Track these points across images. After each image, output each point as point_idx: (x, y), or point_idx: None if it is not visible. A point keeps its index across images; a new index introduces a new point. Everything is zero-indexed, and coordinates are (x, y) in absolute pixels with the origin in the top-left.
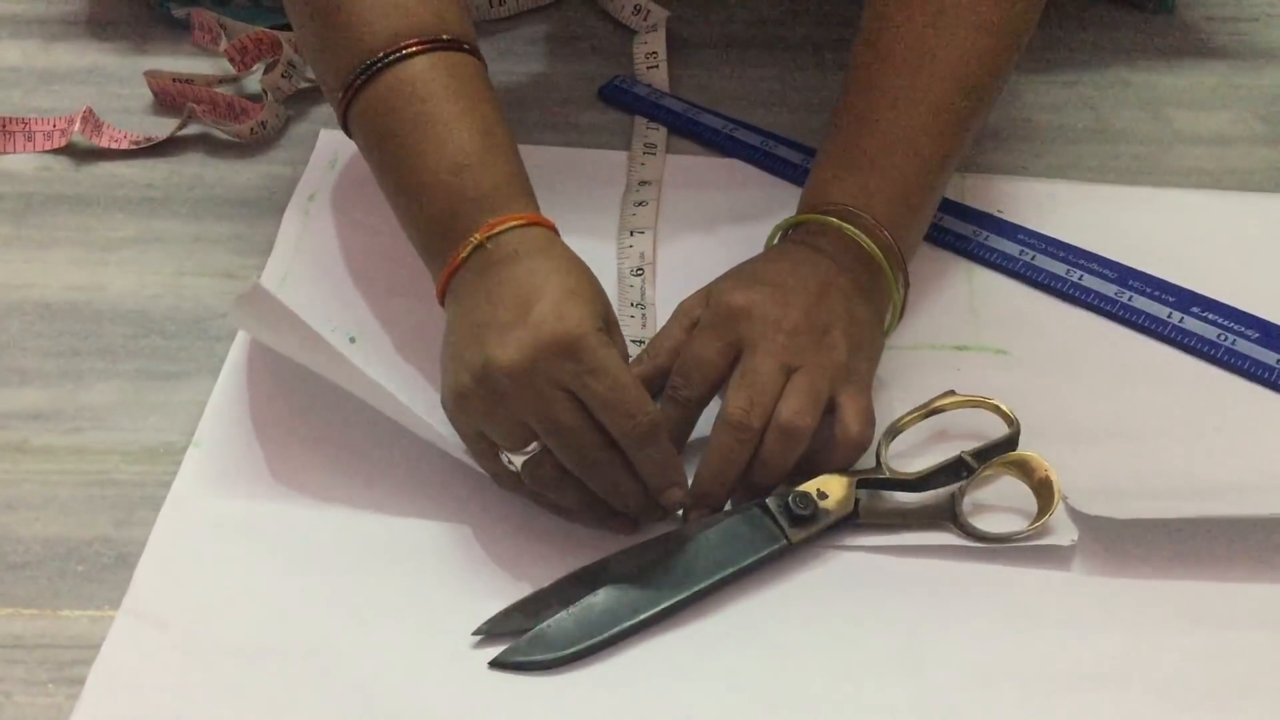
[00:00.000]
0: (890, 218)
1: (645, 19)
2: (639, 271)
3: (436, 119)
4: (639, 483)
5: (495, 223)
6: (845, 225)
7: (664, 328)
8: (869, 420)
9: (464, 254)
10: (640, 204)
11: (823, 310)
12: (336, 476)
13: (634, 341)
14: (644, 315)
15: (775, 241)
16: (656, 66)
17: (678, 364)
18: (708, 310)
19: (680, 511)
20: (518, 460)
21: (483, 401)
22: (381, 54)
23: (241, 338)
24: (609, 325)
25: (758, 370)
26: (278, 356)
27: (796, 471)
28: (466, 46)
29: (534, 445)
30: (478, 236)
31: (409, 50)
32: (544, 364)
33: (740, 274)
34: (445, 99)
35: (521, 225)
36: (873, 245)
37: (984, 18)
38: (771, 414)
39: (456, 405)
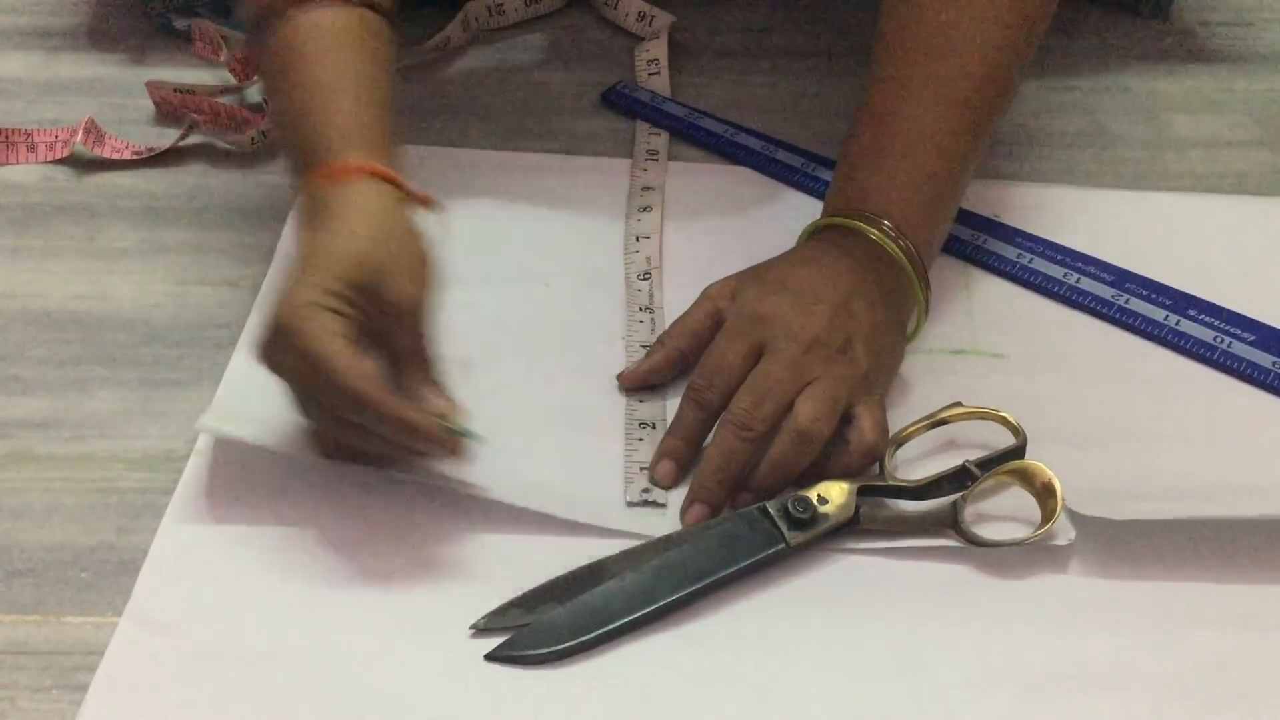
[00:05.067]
0: (913, 219)
1: (649, 24)
2: (646, 276)
3: (295, 70)
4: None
5: (312, 175)
6: (870, 230)
7: (687, 312)
8: (883, 430)
9: (296, 206)
10: (644, 209)
11: (846, 320)
12: (335, 481)
13: (644, 346)
14: (653, 319)
15: (804, 242)
16: (658, 73)
17: (701, 365)
18: (733, 314)
19: (681, 513)
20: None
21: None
22: (269, 9)
23: (243, 345)
24: (356, 284)
25: (770, 374)
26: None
27: (805, 477)
28: (357, 1)
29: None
30: (298, 190)
31: (293, 6)
32: (271, 343)
33: (767, 278)
34: (310, 53)
35: (333, 177)
36: (898, 251)
37: (1001, 10)
38: (777, 416)
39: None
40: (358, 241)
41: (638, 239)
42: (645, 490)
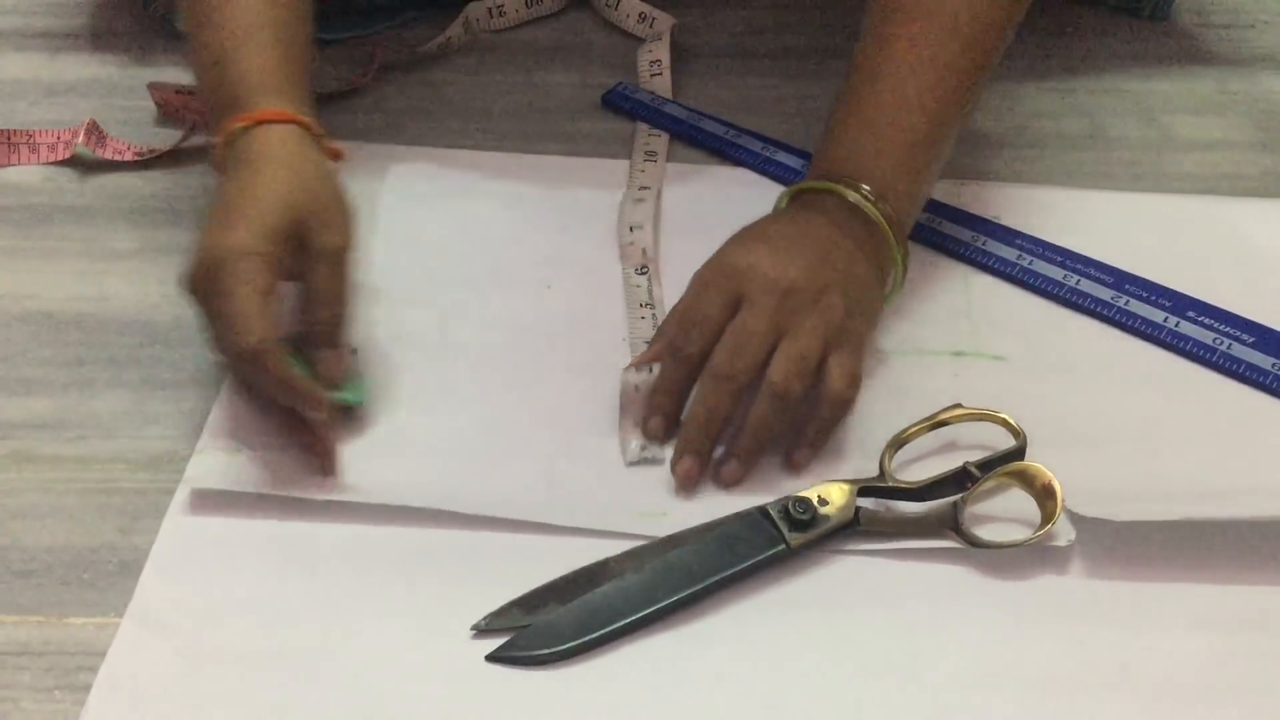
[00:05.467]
0: (894, 182)
1: (650, 26)
2: (643, 270)
3: (209, 14)
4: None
5: (229, 123)
6: (849, 192)
7: (681, 299)
8: (854, 381)
9: (217, 154)
10: (638, 200)
11: (823, 270)
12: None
13: (646, 341)
14: (654, 315)
15: (783, 206)
16: (660, 74)
17: (679, 320)
18: (710, 268)
19: (672, 467)
20: (634, 447)
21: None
22: None
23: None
24: (283, 232)
25: (747, 327)
26: None
27: (787, 429)
28: None
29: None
30: (218, 139)
31: None
32: (197, 284)
33: (746, 234)
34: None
35: (248, 126)
36: (876, 212)
37: None
38: (756, 368)
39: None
40: (282, 187)
41: (631, 229)
42: (644, 448)
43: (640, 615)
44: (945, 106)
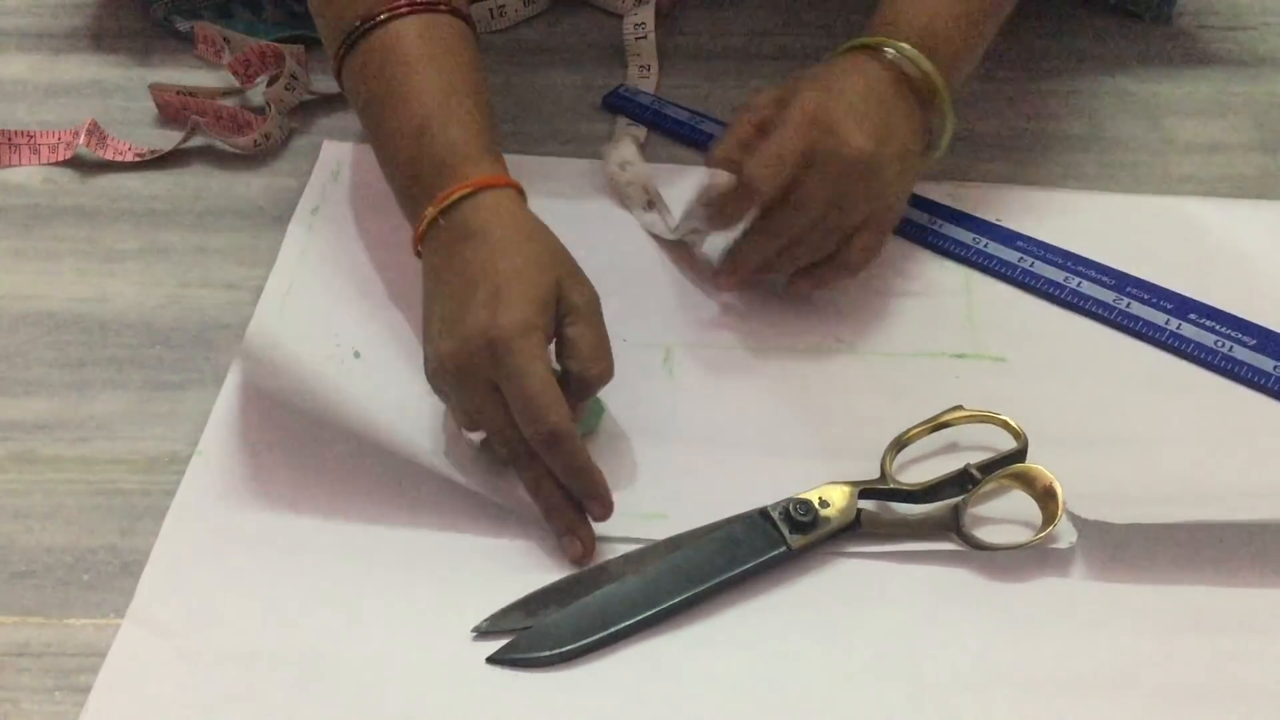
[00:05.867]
0: (948, 41)
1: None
2: (650, 207)
3: (402, 82)
4: (561, 489)
5: (446, 194)
6: (905, 47)
7: (731, 127)
8: (870, 256)
9: (423, 227)
10: (619, 142)
11: (886, 141)
12: (337, 483)
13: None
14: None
15: (840, 53)
16: (648, 77)
17: (758, 150)
18: (793, 110)
19: (716, 275)
20: (475, 438)
21: (437, 384)
22: (361, 20)
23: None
24: (552, 302)
25: (811, 194)
26: (280, 366)
27: (802, 274)
28: (445, 8)
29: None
30: (431, 210)
31: (387, 13)
32: (471, 362)
33: (817, 80)
34: (414, 62)
35: (470, 193)
36: (933, 70)
37: None
38: (805, 232)
39: (429, 382)
40: (540, 255)
41: (622, 165)
42: (693, 231)
43: (641, 617)
44: None
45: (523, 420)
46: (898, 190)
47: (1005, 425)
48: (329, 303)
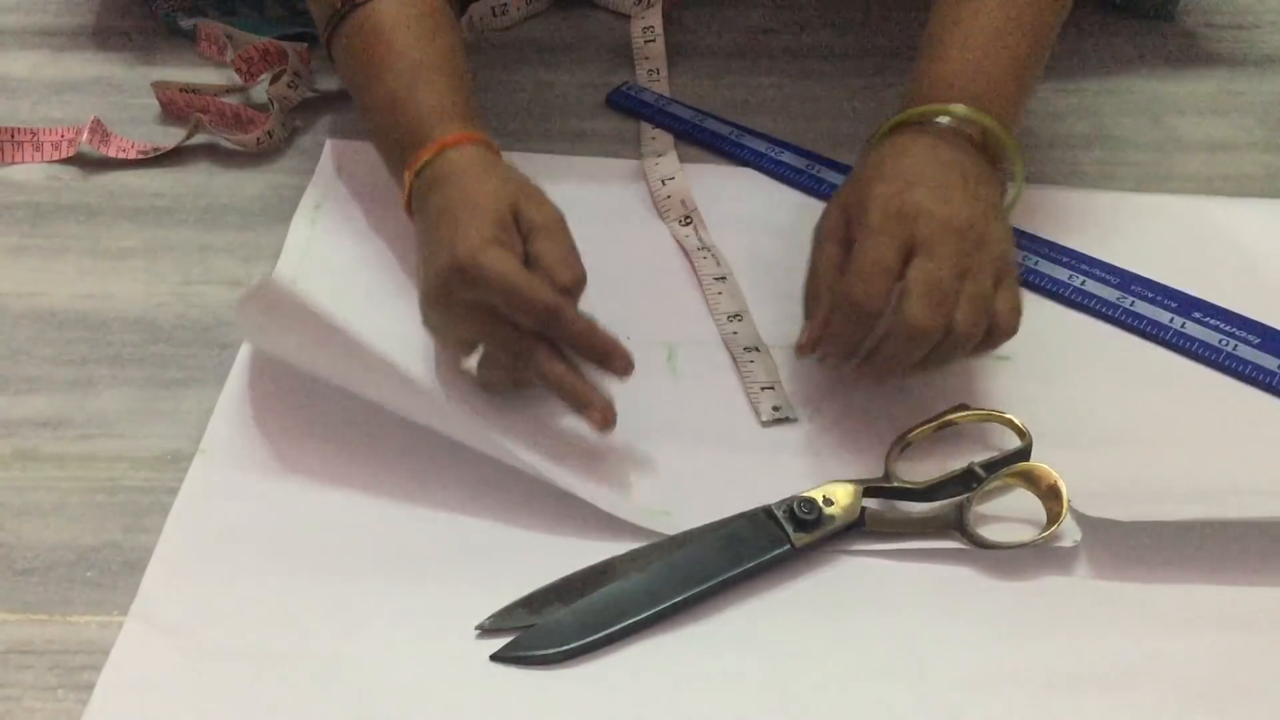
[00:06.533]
0: (999, 93)
1: (646, 5)
2: (687, 221)
3: (379, 58)
4: (573, 367)
5: (419, 155)
6: (958, 108)
7: (816, 260)
8: (1019, 312)
9: (407, 193)
10: (661, 155)
11: (976, 202)
12: (341, 480)
13: (718, 279)
14: (713, 256)
15: (884, 134)
16: (659, 80)
17: (854, 269)
18: (874, 214)
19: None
20: (472, 364)
21: (429, 326)
22: (343, 2)
23: (248, 346)
24: (509, 221)
25: (941, 279)
26: (284, 364)
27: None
28: None
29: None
30: (408, 175)
31: None
32: (446, 290)
33: (883, 174)
34: (388, 38)
35: (437, 154)
36: (992, 122)
37: None
38: (949, 319)
39: (425, 328)
40: (489, 186)
41: (664, 181)
42: (776, 409)
43: (645, 615)
44: (1041, 27)
45: (516, 312)
46: (1004, 242)
47: (1010, 424)
48: (331, 300)
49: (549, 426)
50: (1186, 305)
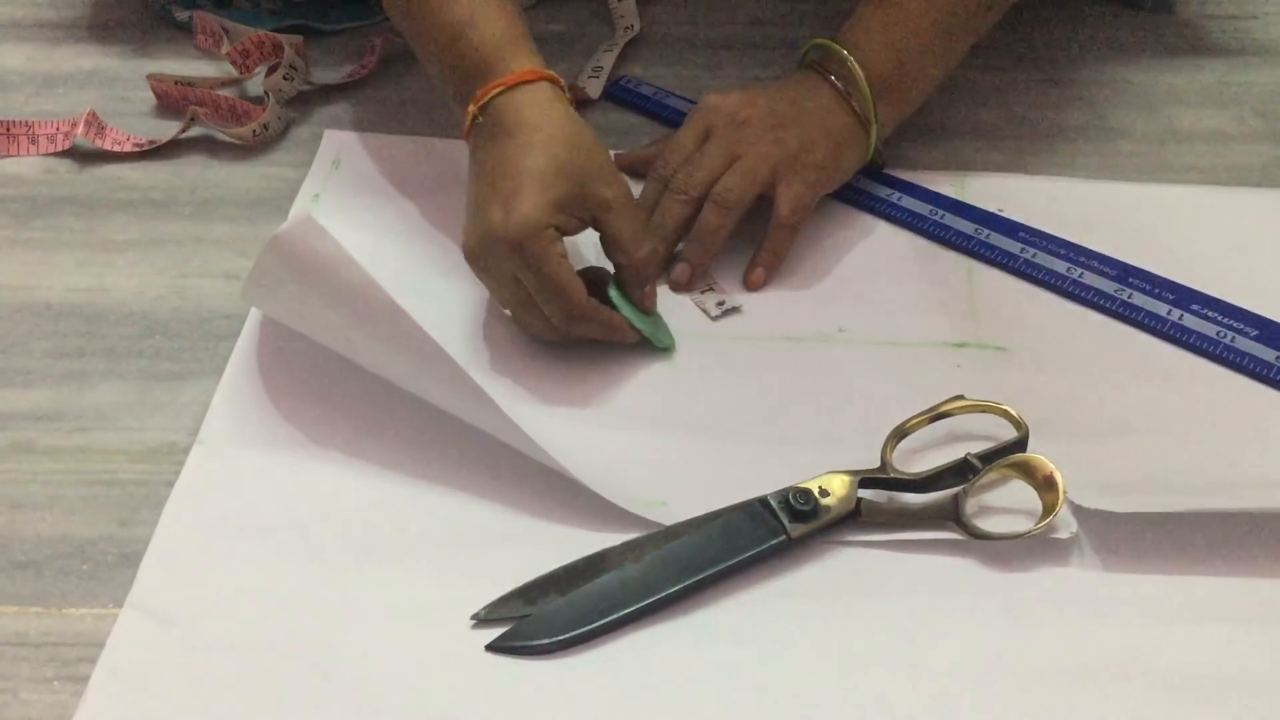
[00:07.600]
0: (890, 52)
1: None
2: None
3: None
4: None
5: (484, 90)
6: (836, 47)
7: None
8: (798, 208)
9: (467, 124)
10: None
11: (787, 109)
12: (337, 472)
13: None
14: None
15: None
16: (597, 77)
17: (662, 152)
18: (691, 112)
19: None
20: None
21: (472, 267)
22: None
23: (245, 337)
24: (574, 197)
25: (705, 151)
26: (280, 356)
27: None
28: None
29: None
30: (472, 108)
31: None
32: (490, 256)
33: (740, 87)
34: None
35: (506, 89)
36: (857, 66)
37: None
38: (708, 184)
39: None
40: (559, 156)
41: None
42: (720, 304)
43: (640, 605)
44: (959, 19)
45: (543, 305)
46: (812, 145)
47: (1006, 415)
48: None
49: (549, 417)
50: (1184, 297)
